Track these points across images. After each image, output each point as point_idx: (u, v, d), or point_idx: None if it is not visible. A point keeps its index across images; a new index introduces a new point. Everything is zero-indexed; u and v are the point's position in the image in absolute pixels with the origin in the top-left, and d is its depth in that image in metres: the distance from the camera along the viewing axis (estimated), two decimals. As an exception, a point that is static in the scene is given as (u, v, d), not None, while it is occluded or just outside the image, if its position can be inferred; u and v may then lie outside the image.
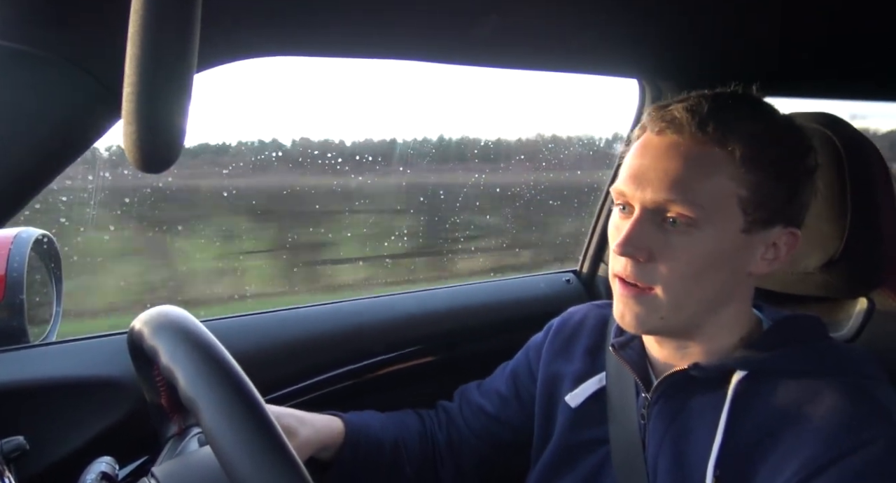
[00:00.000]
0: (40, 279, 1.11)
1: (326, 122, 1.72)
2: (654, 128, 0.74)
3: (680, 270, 0.71)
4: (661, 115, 0.74)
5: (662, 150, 0.72)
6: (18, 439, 0.76)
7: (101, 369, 0.97)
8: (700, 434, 0.73)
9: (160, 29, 0.37)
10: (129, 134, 0.39)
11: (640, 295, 0.73)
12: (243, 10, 0.70)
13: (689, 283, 0.72)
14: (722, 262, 0.72)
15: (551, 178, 1.98)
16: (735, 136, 0.70)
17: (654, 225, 0.72)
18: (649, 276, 0.72)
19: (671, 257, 0.71)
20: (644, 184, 0.72)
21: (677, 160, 0.71)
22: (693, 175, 0.70)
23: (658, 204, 0.71)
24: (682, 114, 0.72)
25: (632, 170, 0.74)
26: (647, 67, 1.23)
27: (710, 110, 0.72)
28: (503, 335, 1.29)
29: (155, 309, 0.66)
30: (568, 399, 0.89)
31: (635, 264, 0.72)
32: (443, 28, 0.85)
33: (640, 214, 0.72)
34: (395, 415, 1.02)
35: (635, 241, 0.71)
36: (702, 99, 0.74)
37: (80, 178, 1.31)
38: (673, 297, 0.72)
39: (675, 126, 0.72)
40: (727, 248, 0.71)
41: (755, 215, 0.71)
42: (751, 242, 0.73)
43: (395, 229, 1.91)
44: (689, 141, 0.71)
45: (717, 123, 0.71)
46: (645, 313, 0.74)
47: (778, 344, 0.75)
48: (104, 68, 0.66)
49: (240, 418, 0.52)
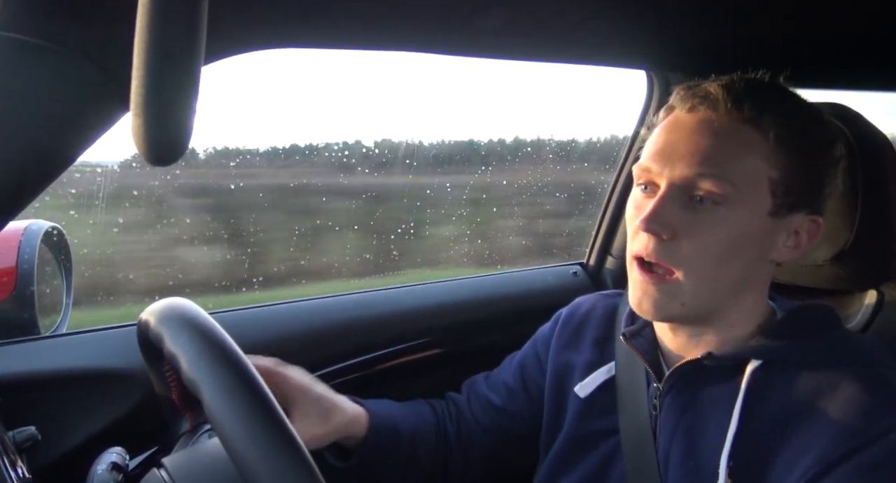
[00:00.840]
0: (50, 271, 1.12)
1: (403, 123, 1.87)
2: (685, 105, 0.73)
3: (705, 251, 0.70)
4: (693, 93, 0.73)
5: (694, 125, 0.71)
6: (30, 430, 0.77)
7: (111, 361, 0.98)
8: (713, 424, 0.72)
9: (168, 20, 0.37)
10: (138, 126, 0.39)
11: (660, 282, 0.72)
12: (251, 2, 0.70)
13: (713, 266, 0.71)
14: (747, 246, 0.71)
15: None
16: (770, 117, 0.70)
17: (680, 202, 0.70)
18: (672, 256, 0.71)
19: (697, 236, 0.70)
20: (674, 159, 0.70)
21: (711, 136, 0.70)
22: (727, 152, 0.69)
23: (687, 179, 0.70)
24: (717, 90, 0.71)
25: (659, 146, 0.73)
26: (655, 58, 1.22)
27: (746, 90, 0.71)
28: (511, 327, 1.29)
29: (162, 300, 0.66)
30: (577, 389, 0.89)
31: (658, 242, 0.71)
32: (450, 20, 0.85)
33: (666, 190, 0.71)
34: (411, 405, 1.02)
35: (661, 218, 0.70)
36: (736, 79, 0.73)
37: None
38: (695, 281, 0.71)
39: (710, 102, 0.71)
40: (753, 231, 0.71)
41: (783, 199, 0.70)
42: (775, 227, 0.72)
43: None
44: (723, 117, 0.70)
45: (752, 103, 0.70)
46: (665, 300, 0.72)
47: (792, 333, 0.74)
48: (112, 60, 0.66)
49: (241, 397, 0.53)
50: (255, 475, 0.49)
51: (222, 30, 0.73)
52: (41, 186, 0.71)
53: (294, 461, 0.50)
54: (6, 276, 0.98)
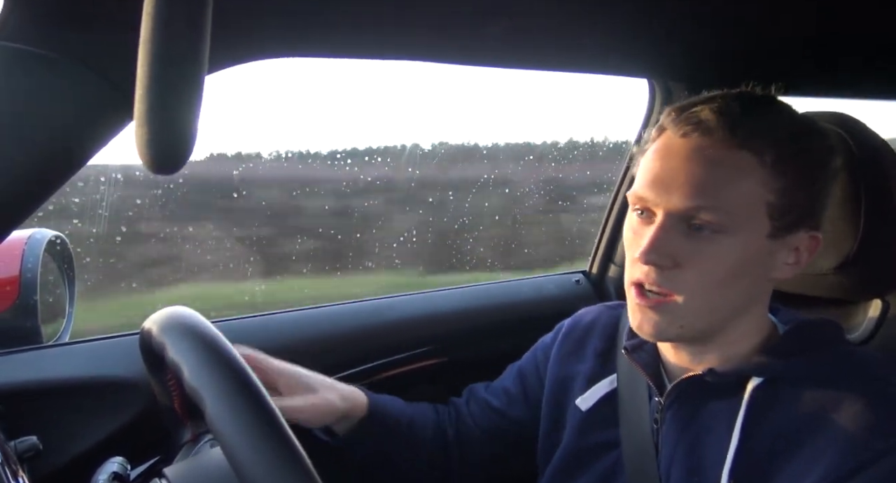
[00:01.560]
0: (53, 280, 1.12)
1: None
2: (678, 130, 0.71)
3: (706, 278, 0.69)
4: (686, 117, 0.71)
5: (688, 153, 0.69)
6: (32, 439, 0.77)
7: (113, 370, 0.98)
8: (715, 440, 0.71)
9: (171, 30, 0.37)
10: (141, 135, 0.39)
11: (659, 304, 0.71)
12: (255, 11, 0.70)
13: (714, 291, 0.70)
14: (747, 269, 0.70)
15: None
16: (766, 140, 0.68)
17: (679, 231, 0.69)
18: (672, 283, 0.70)
19: (697, 264, 0.69)
20: (670, 189, 0.69)
21: (705, 165, 0.68)
22: (722, 180, 0.68)
23: (685, 210, 0.68)
24: (710, 116, 0.69)
25: (653, 174, 0.71)
26: (657, 67, 1.23)
27: (740, 113, 0.69)
28: (513, 336, 1.29)
29: (164, 309, 0.66)
30: (578, 402, 0.88)
31: (659, 271, 0.70)
32: (453, 29, 0.85)
33: (664, 221, 0.69)
34: (411, 403, 1.02)
35: (660, 250, 0.69)
36: (728, 100, 0.71)
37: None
38: (695, 305, 0.70)
39: (703, 129, 0.69)
40: (753, 255, 0.70)
41: (781, 221, 0.69)
42: (775, 248, 0.71)
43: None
44: (718, 144, 0.68)
45: (747, 126, 0.68)
46: (665, 323, 0.71)
47: (795, 350, 0.73)
48: (116, 70, 0.66)
49: (243, 407, 0.52)
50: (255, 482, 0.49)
51: (226, 39, 0.74)
52: (45, 195, 0.71)
53: (296, 471, 0.50)
54: (9, 285, 0.98)
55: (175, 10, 0.37)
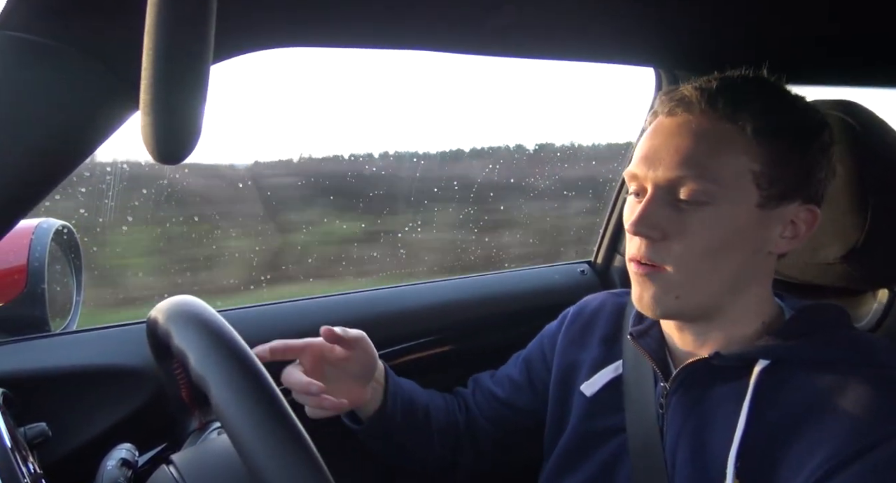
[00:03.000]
0: (60, 269, 1.13)
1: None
2: (665, 109, 0.75)
3: (695, 248, 0.71)
4: (670, 97, 0.76)
5: (674, 129, 0.73)
6: (41, 426, 0.77)
7: (120, 358, 0.99)
8: (720, 424, 0.72)
9: (176, 19, 0.37)
10: (147, 125, 0.39)
11: (653, 273, 0.73)
12: (259, 1, 0.70)
13: (705, 261, 0.72)
14: (738, 240, 0.72)
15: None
16: (745, 111, 0.71)
17: (667, 204, 0.72)
18: (663, 255, 0.72)
19: (685, 235, 0.71)
20: (656, 163, 0.73)
21: (689, 137, 0.72)
22: (705, 151, 0.71)
23: (671, 181, 0.71)
24: (691, 92, 0.73)
25: (643, 151, 0.75)
26: (663, 56, 1.22)
27: (720, 88, 0.73)
28: (518, 326, 1.29)
29: (170, 298, 0.66)
30: (583, 388, 0.89)
31: (649, 244, 0.73)
32: (459, 18, 0.85)
33: (652, 193, 0.73)
34: (424, 389, 1.03)
35: (648, 220, 0.72)
36: (711, 79, 0.75)
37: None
38: (687, 276, 0.72)
39: (685, 104, 0.73)
40: (743, 225, 0.71)
41: (770, 190, 0.71)
42: (768, 219, 0.72)
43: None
44: (699, 118, 0.72)
45: (726, 99, 0.72)
46: (661, 293, 0.74)
47: (801, 333, 0.74)
48: (121, 59, 0.66)
49: (248, 393, 0.53)
50: (263, 472, 0.50)
51: (230, 29, 0.73)
52: (51, 186, 0.71)
53: (302, 458, 0.50)
54: (17, 274, 0.99)
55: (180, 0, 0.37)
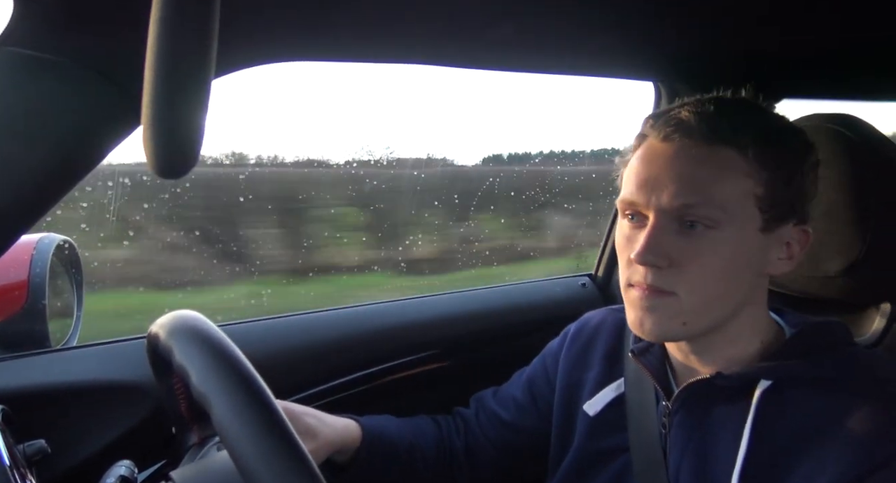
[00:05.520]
0: (61, 284, 1.12)
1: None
2: (659, 134, 0.72)
3: (704, 273, 0.70)
4: (665, 121, 0.73)
5: (672, 154, 0.71)
6: (40, 443, 0.77)
7: (120, 374, 0.98)
8: (724, 444, 0.71)
9: (179, 34, 0.37)
10: (149, 139, 0.39)
11: (660, 300, 0.71)
12: (261, 16, 0.70)
13: (713, 286, 0.70)
14: (744, 264, 0.71)
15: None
16: (745, 134, 0.70)
17: (671, 230, 0.70)
18: (671, 283, 0.70)
19: (694, 261, 0.69)
20: (658, 190, 0.70)
21: (691, 163, 0.70)
22: (709, 177, 0.69)
23: (676, 208, 0.69)
24: (688, 116, 0.71)
25: (641, 178, 0.72)
26: (663, 70, 1.22)
27: (717, 112, 0.71)
28: (519, 339, 1.29)
29: (171, 313, 0.66)
30: (586, 407, 0.88)
31: (656, 272, 0.70)
32: (459, 32, 0.86)
33: (656, 221, 0.70)
34: (411, 420, 1.02)
35: (655, 249, 0.69)
36: (705, 102, 0.73)
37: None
38: (696, 302, 0.70)
39: (684, 129, 0.71)
40: (747, 249, 0.71)
41: (771, 213, 0.71)
42: (768, 242, 0.72)
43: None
44: (699, 143, 0.70)
45: (726, 123, 0.70)
46: (667, 320, 0.71)
47: (803, 352, 0.73)
48: (123, 74, 0.67)
49: (250, 411, 0.52)
50: None
51: (232, 44, 0.74)
52: (54, 200, 0.71)
53: (302, 475, 0.50)
54: (18, 289, 0.98)
55: (182, 15, 0.37)
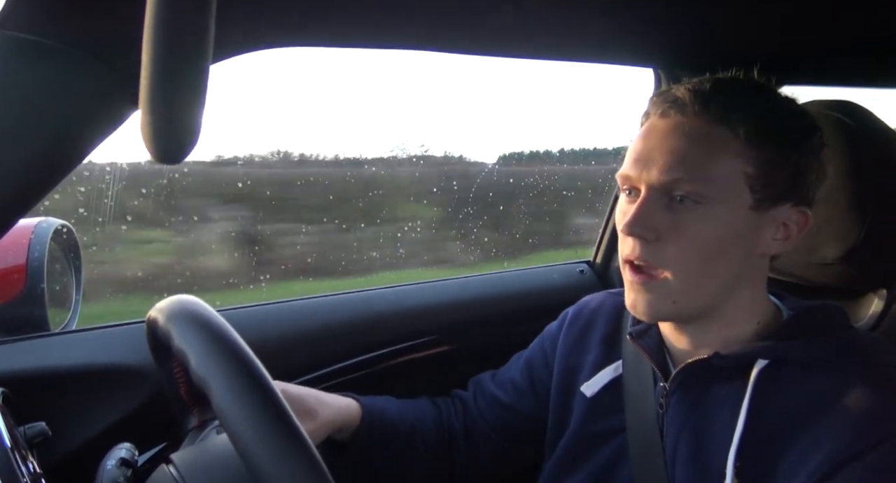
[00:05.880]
0: (60, 268, 1.13)
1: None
2: (657, 111, 0.75)
3: (690, 250, 0.71)
4: (663, 98, 0.75)
5: (667, 130, 0.73)
6: (41, 425, 0.77)
7: (120, 357, 0.99)
8: (720, 424, 0.72)
9: (176, 18, 0.37)
10: (146, 124, 0.39)
11: (650, 281, 0.73)
12: (259, 1, 0.70)
13: (700, 264, 0.72)
14: (732, 242, 0.72)
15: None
16: (738, 113, 0.71)
17: (661, 204, 0.72)
18: (659, 257, 0.72)
19: (680, 236, 0.71)
20: (649, 164, 0.72)
21: (682, 139, 0.71)
22: (699, 153, 0.71)
23: (665, 183, 0.71)
24: (684, 94, 0.73)
25: (636, 152, 0.75)
26: (663, 56, 1.22)
27: (712, 89, 0.73)
28: (517, 325, 1.29)
29: (170, 298, 0.66)
30: (583, 388, 0.88)
31: (644, 245, 0.72)
32: (458, 18, 0.85)
33: (646, 194, 0.73)
34: (411, 402, 1.03)
35: (642, 221, 0.72)
36: (704, 81, 0.75)
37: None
38: (684, 280, 0.72)
39: (678, 106, 0.73)
40: (737, 227, 0.71)
41: (763, 193, 0.71)
42: (761, 221, 0.73)
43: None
44: (692, 120, 0.72)
45: (719, 102, 0.72)
46: (656, 299, 0.73)
47: (800, 333, 0.74)
48: (120, 58, 0.66)
49: (248, 394, 0.53)
50: (262, 471, 0.50)
51: (230, 29, 0.73)
52: (51, 185, 0.71)
53: (301, 457, 0.50)
54: (17, 273, 0.99)
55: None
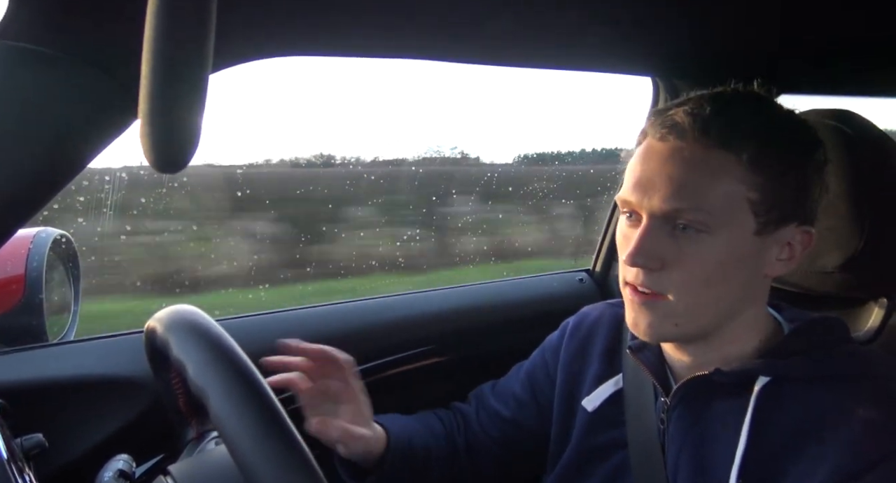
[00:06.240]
0: (58, 279, 1.12)
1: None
2: (656, 134, 0.72)
3: (694, 277, 0.69)
4: (661, 121, 0.72)
5: (666, 156, 0.70)
6: (38, 437, 0.77)
7: (118, 368, 0.98)
8: (722, 440, 0.71)
9: (176, 28, 0.37)
10: (146, 134, 0.39)
11: (652, 302, 0.71)
12: (258, 10, 0.70)
13: (705, 289, 0.70)
14: (737, 267, 0.70)
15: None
16: (740, 138, 0.68)
17: (664, 233, 0.70)
18: (662, 285, 0.70)
19: (684, 264, 0.69)
20: (650, 192, 0.70)
21: (682, 166, 0.69)
22: (699, 181, 0.68)
23: (667, 212, 0.69)
24: (683, 118, 0.70)
25: (636, 177, 0.72)
26: (661, 65, 1.22)
27: (712, 113, 0.70)
28: (516, 334, 1.29)
29: (168, 308, 0.66)
30: (584, 402, 0.88)
31: (647, 273, 0.71)
32: (457, 27, 0.85)
33: (648, 223, 0.70)
34: (421, 419, 1.01)
35: (646, 252, 0.70)
36: (703, 101, 0.72)
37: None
38: (687, 304, 0.71)
39: (677, 131, 0.70)
40: (741, 252, 0.70)
41: (767, 217, 0.69)
42: (765, 244, 0.71)
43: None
44: (692, 146, 0.69)
45: (720, 126, 0.69)
46: (658, 321, 0.72)
47: (801, 349, 0.73)
48: (120, 67, 0.67)
49: (247, 405, 0.53)
50: (261, 482, 0.49)
51: (229, 38, 0.74)
52: (50, 194, 0.71)
53: (300, 469, 0.50)
54: (15, 283, 0.98)
55: (179, 8, 0.37)
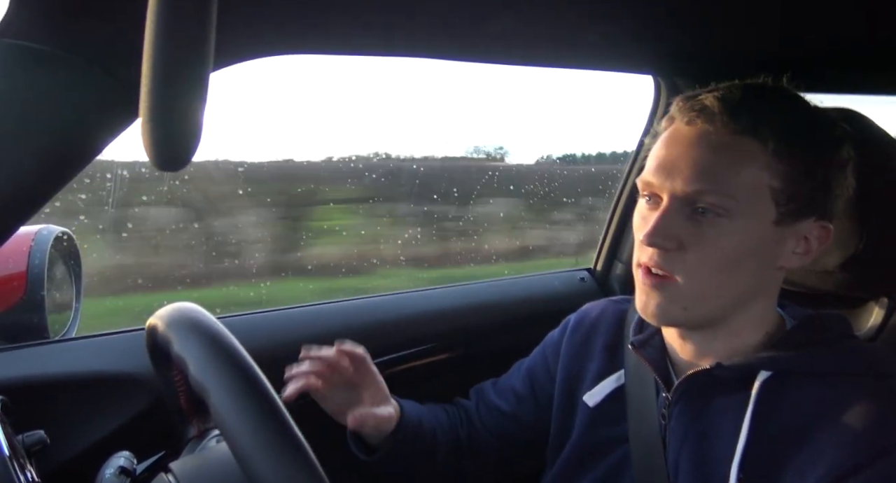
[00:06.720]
0: (60, 276, 1.12)
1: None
2: (684, 117, 0.73)
3: (709, 261, 0.70)
4: (690, 105, 0.73)
5: (693, 139, 0.71)
6: (39, 433, 0.77)
7: (119, 365, 0.98)
8: (723, 435, 0.72)
9: (176, 27, 0.37)
10: (147, 132, 0.39)
11: (662, 283, 0.72)
12: (259, 8, 0.70)
13: (718, 274, 0.70)
14: (752, 255, 0.71)
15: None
16: (768, 126, 0.69)
17: (683, 215, 0.70)
18: (675, 265, 0.71)
19: (701, 247, 0.70)
20: (674, 174, 0.70)
21: (708, 150, 0.70)
22: (725, 165, 0.69)
23: (688, 194, 0.70)
24: (713, 103, 0.71)
25: (660, 160, 0.73)
26: (662, 63, 1.22)
27: (743, 99, 0.70)
28: (517, 333, 1.29)
29: (170, 305, 0.66)
30: (586, 398, 0.88)
31: (662, 253, 0.71)
32: (458, 25, 0.85)
33: (668, 204, 0.71)
34: (428, 407, 1.02)
35: (664, 231, 0.70)
36: (733, 88, 0.72)
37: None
38: (697, 288, 0.71)
39: (706, 115, 0.71)
40: (759, 241, 0.70)
41: (787, 207, 0.70)
42: (782, 235, 0.71)
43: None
44: (720, 130, 0.70)
45: (749, 113, 0.69)
46: (668, 303, 0.72)
47: (803, 343, 0.73)
48: (122, 66, 0.67)
49: (248, 402, 0.53)
50: (262, 479, 0.49)
51: (230, 37, 0.74)
52: (52, 192, 0.71)
53: (301, 465, 0.50)
54: (17, 280, 0.99)
55: (180, 7, 0.37)
